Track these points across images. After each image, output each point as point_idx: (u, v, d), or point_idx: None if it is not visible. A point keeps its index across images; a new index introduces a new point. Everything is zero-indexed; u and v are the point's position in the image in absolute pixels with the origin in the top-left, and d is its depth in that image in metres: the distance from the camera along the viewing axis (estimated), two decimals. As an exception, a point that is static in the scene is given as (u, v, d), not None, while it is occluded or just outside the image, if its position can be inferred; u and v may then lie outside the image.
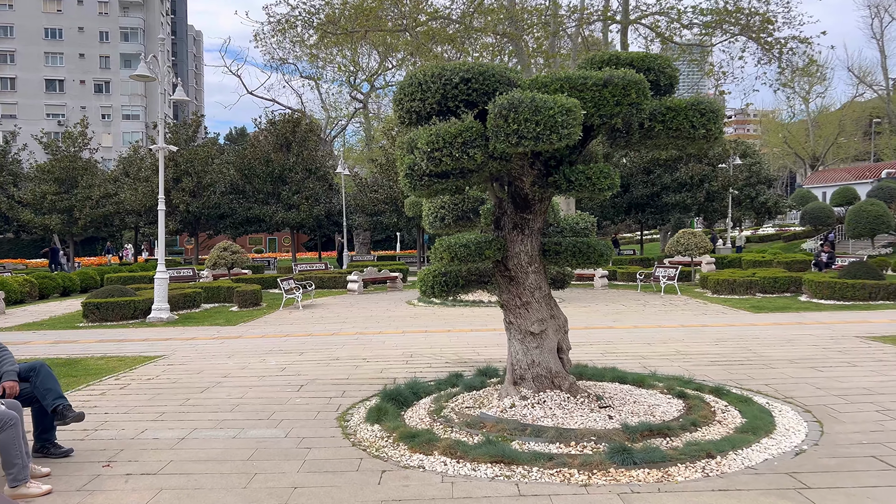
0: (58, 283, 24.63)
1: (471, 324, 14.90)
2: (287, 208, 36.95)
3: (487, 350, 11.31)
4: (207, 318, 17.40)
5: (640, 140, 6.24)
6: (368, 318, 16.63)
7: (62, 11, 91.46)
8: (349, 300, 21.46)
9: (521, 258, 6.58)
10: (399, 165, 6.06)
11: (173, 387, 8.89)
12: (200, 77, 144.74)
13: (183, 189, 35.78)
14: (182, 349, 12.31)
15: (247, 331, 14.73)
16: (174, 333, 14.55)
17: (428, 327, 14.51)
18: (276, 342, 12.86)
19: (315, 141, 39.30)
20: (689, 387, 7.85)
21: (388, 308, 18.81)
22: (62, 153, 37.46)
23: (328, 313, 17.83)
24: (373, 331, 14.17)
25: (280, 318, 16.92)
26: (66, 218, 35.98)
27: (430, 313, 17.26)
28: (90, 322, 16.54)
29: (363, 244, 48.27)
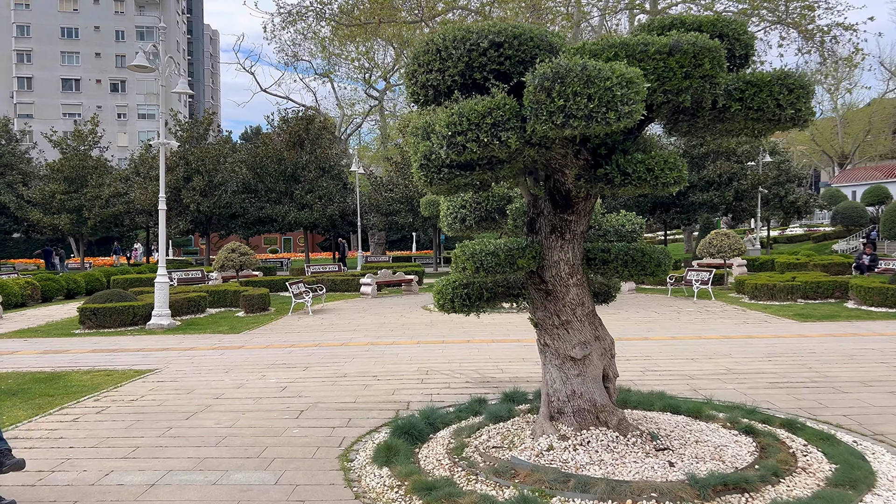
0: (61, 284, 23.79)
1: (491, 333, 13.74)
2: (300, 208, 35.98)
3: (511, 366, 10.15)
4: (211, 324, 16.38)
5: (709, 124, 5.06)
6: (381, 325, 15.53)
7: (78, 11, 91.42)
8: (362, 305, 20.38)
9: (561, 268, 5.42)
10: (412, 155, 4.93)
11: (157, 411, 7.82)
12: (217, 76, 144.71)
13: (193, 188, 34.91)
14: (177, 362, 11.27)
15: (250, 340, 13.68)
16: (172, 343, 13.53)
17: (445, 337, 13.37)
18: (279, 354, 11.78)
19: (329, 139, 38.29)
20: (754, 418, 6.65)
21: (403, 314, 17.70)
22: (72, 151, 36.75)
23: (339, 320, 16.75)
24: (385, 341, 13.05)
25: (287, 326, 15.87)
26: (76, 218, 35.25)
27: (447, 320, 16.12)
28: (86, 329, 15.59)
29: (378, 244, 47.22)
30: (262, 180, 36.53)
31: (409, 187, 34.76)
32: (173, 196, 35.31)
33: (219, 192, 35.54)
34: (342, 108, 52.28)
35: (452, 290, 6.15)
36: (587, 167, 4.98)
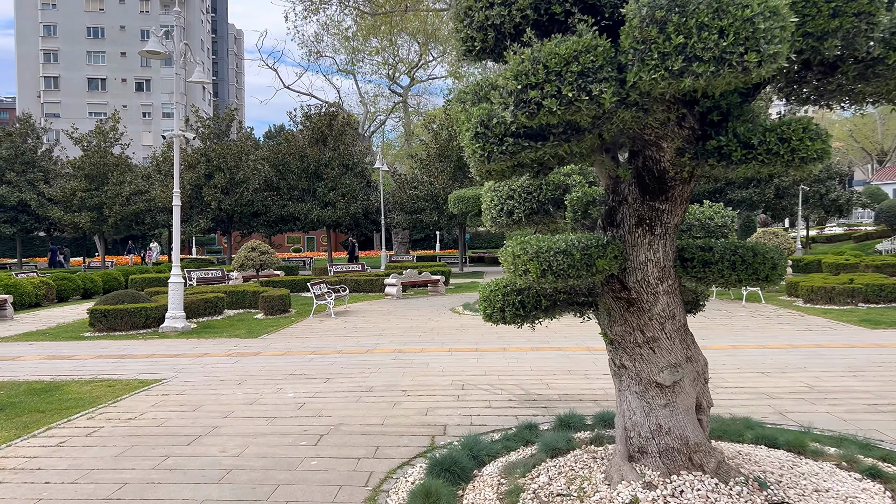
0: (77, 284, 23.07)
1: (528, 340, 12.58)
2: (323, 206, 35.09)
3: (558, 380, 8.98)
4: (228, 327, 15.42)
5: (850, 83, 3.86)
6: (408, 329, 14.44)
7: (104, 10, 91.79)
8: (387, 306, 19.32)
9: (649, 271, 4.26)
10: (461, 125, 3.82)
11: (156, 433, 6.80)
12: (241, 76, 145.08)
13: (215, 185, 34.20)
14: (187, 370, 10.27)
15: (268, 345, 12.66)
16: (185, 348, 12.57)
17: (479, 344, 12.23)
18: (299, 362, 10.74)
19: (352, 135, 37.37)
20: (871, 454, 5.42)
21: (431, 317, 16.60)
22: (93, 148, 36.23)
23: (363, 323, 15.70)
24: (414, 348, 11.95)
25: (308, 329, 14.85)
26: (96, 216, 34.71)
27: (478, 325, 14.98)
28: (97, 332, 14.70)
29: (402, 243, 46.24)
30: (285, 178, 35.72)
31: (434, 185, 33.71)
32: (194, 194, 34.65)
33: (240, 189, 34.79)
34: (365, 104, 51.40)
35: (503, 297, 5.05)
36: (691, 139, 3.82)
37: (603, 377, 9.05)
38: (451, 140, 33.77)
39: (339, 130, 35.86)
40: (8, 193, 35.96)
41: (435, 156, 34.42)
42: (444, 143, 33.86)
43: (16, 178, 36.86)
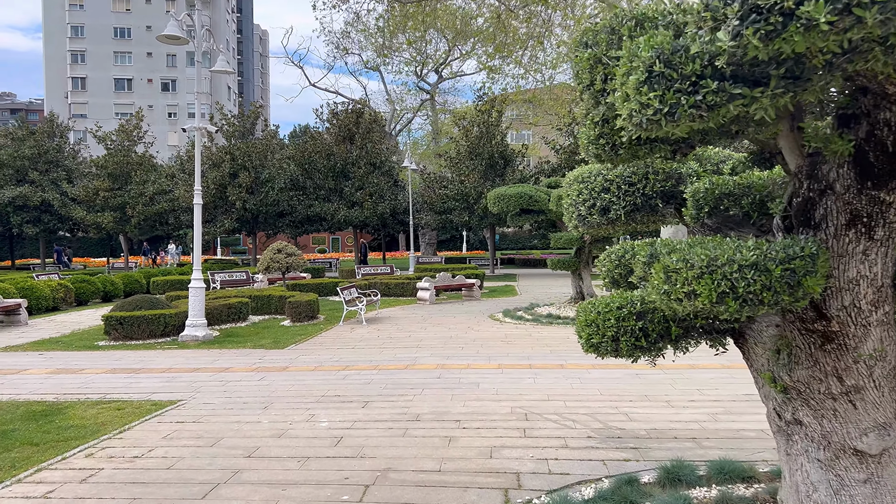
0: (97, 287, 22.17)
1: (585, 355, 11.22)
2: (350, 205, 33.99)
3: (637, 409, 7.65)
4: (252, 335, 14.29)
5: None
6: (448, 340, 13.17)
7: (131, 11, 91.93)
8: (420, 312, 18.08)
9: (861, 292, 2.93)
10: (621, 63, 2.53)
11: (164, 480, 5.59)
12: (266, 76, 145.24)
13: (239, 185, 33.28)
14: (207, 389, 9.11)
15: (296, 358, 11.47)
16: (205, 360, 11.43)
17: (531, 359, 10.92)
18: (331, 380, 9.52)
19: (379, 133, 36.24)
20: None
21: (470, 325, 15.32)
22: (116, 147, 35.55)
23: (397, 331, 14.47)
24: (458, 362, 10.67)
25: (339, 338, 13.64)
26: (119, 216, 33.98)
27: (524, 335, 13.67)
28: (112, 340, 13.65)
29: (429, 244, 45.02)
30: (311, 177, 34.70)
31: (464, 184, 32.44)
32: (219, 193, 33.78)
33: (266, 188, 33.84)
34: (392, 102, 50.27)
35: (617, 321, 3.75)
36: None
37: (690, 405, 7.70)
38: (482, 137, 32.50)
39: (366, 127, 34.75)
40: (31, 193, 35.41)
41: (466, 153, 33.14)
42: (476, 140, 32.58)
43: (39, 177, 36.31)
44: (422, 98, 50.65)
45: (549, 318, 15.51)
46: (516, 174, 32.96)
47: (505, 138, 33.52)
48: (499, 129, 33.03)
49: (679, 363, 10.03)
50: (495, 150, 32.50)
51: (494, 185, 32.07)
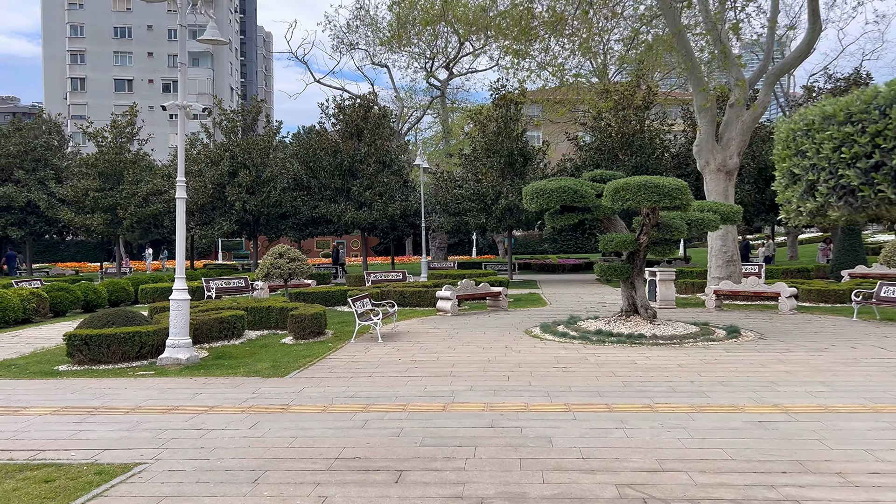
0: (77, 296, 19.75)
1: (672, 388, 8.76)
2: (358, 206, 31.54)
3: (804, 488, 5.18)
4: (248, 357, 11.84)
5: None
6: (486, 365, 10.70)
7: (131, 10, 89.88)
8: (443, 326, 15.61)
9: None
10: None
11: None
12: (270, 78, 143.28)
13: (239, 184, 30.86)
14: (178, 443, 6.67)
15: (300, 391, 9.02)
16: (185, 394, 8.98)
17: (603, 394, 8.44)
18: (346, 428, 7.07)
19: (389, 129, 33.82)
20: None
21: (507, 343, 12.84)
22: (108, 145, 33.18)
23: (421, 352, 12.00)
24: (510, 400, 8.21)
25: (352, 361, 11.18)
26: (110, 217, 31.58)
27: (578, 358, 11.19)
28: (76, 363, 11.22)
29: (440, 249, 42.61)
30: (316, 176, 32.26)
31: (481, 183, 29.98)
32: (217, 193, 31.39)
33: (267, 188, 31.41)
34: (401, 100, 47.90)
35: None
36: None
37: (880, 484, 5.21)
38: (500, 133, 30.04)
39: (374, 123, 32.33)
40: (15, 193, 33.03)
41: (482, 151, 30.68)
42: (493, 136, 30.12)
43: (25, 176, 33.96)
44: (432, 95, 48.30)
45: (599, 336, 13.03)
46: (537, 172, 30.50)
47: (524, 134, 31.06)
48: (518, 124, 30.58)
49: (803, 403, 7.53)
50: (514, 147, 30.03)
51: (514, 184, 29.62)
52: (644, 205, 12.11)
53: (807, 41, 18.78)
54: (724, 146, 20.16)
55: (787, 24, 19.68)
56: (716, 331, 13.65)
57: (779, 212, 12.77)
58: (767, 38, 19.81)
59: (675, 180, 12.25)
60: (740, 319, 15.82)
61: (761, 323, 15.21)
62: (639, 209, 13.04)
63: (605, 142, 29.90)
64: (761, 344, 12.30)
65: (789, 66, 19.39)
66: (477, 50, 46.63)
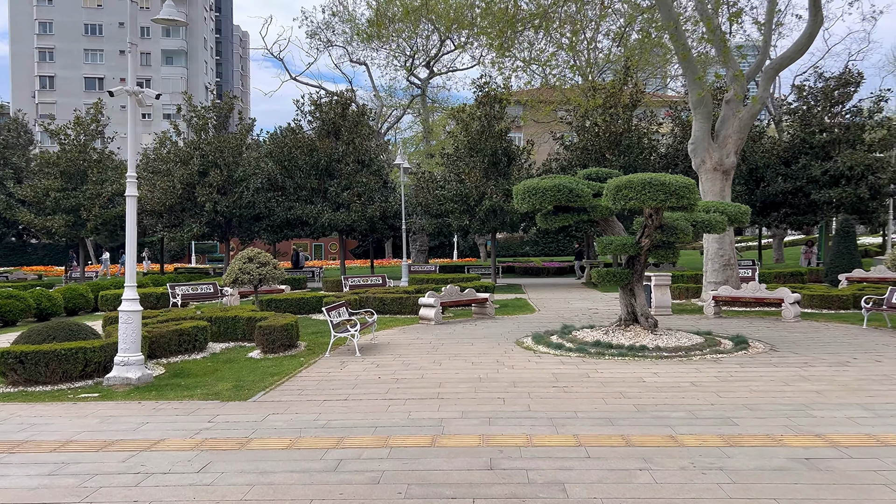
0: (29, 303, 18.25)
1: (691, 410, 7.65)
2: (335, 208, 30.22)
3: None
4: (208, 374, 10.55)
5: None
6: (478, 384, 9.52)
7: (102, 7, 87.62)
8: (427, 337, 14.40)
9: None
10: None
11: None
12: (247, 78, 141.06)
13: (209, 184, 29.40)
14: (107, 497, 5.42)
15: (263, 419, 7.77)
16: (128, 424, 7.69)
17: (615, 422, 7.30)
18: (315, 472, 5.83)
19: (367, 128, 32.54)
20: None
21: (498, 357, 11.68)
22: (71, 143, 31.55)
23: (404, 368, 10.79)
24: (509, 430, 7.03)
25: (326, 380, 9.93)
26: (73, 219, 29.95)
27: (579, 375, 10.05)
28: (9, 385, 9.86)
29: (420, 251, 41.35)
30: (291, 176, 30.89)
31: (464, 183, 28.81)
32: (186, 194, 29.90)
33: (240, 188, 29.97)
34: (380, 98, 46.60)
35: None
36: None
37: None
38: (483, 132, 28.91)
39: (353, 121, 31.05)
40: (-30, 194, 31.29)
41: (465, 150, 29.53)
42: (476, 134, 28.99)
43: (-18, 176, 32.21)
44: (412, 94, 47.09)
45: (598, 348, 11.91)
46: (522, 173, 29.42)
47: (508, 133, 29.96)
48: (502, 123, 29.48)
49: (848, 432, 6.41)
50: (498, 146, 28.92)
51: (498, 184, 28.51)
52: (648, 204, 11.01)
53: (807, 34, 17.90)
54: (721, 144, 19.21)
55: (777, 20, 18.73)
56: (722, 341, 12.61)
57: (770, 213, 11.88)
58: (765, 29, 18.91)
59: (682, 178, 11.17)
60: (744, 328, 14.82)
61: (767, 332, 14.20)
62: (641, 209, 11.96)
63: (593, 141, 28.91)
64: (775, 357, 11.26)
65: (789, 59, 18.49)
66: (458, 47, 45.57)
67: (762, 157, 29.37)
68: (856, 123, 28.57)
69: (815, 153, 28.83)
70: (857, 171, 27.33)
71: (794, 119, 30.45)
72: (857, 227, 34.64)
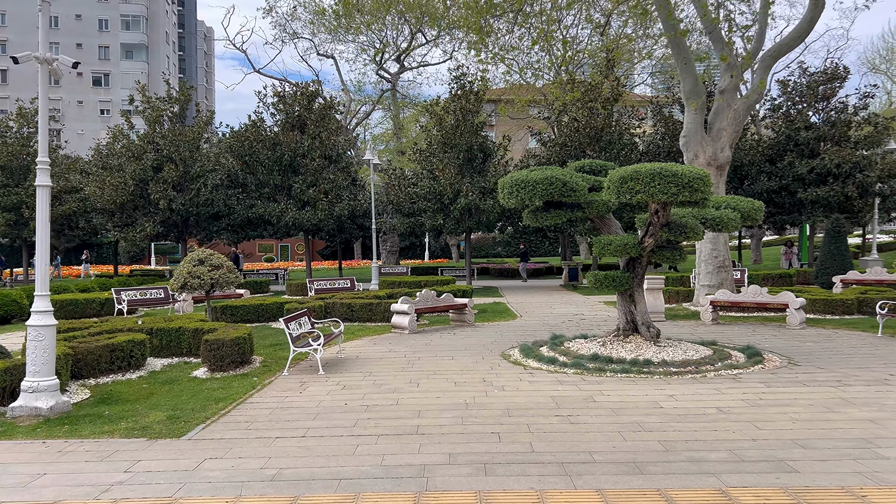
0: (-51, 312, 16.16)
1: (732, 449, 6.18)
2: (300, 206, 28.38)
3: None
4: (140, 401, 8.79)
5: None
6: (465, 411, 7.94)
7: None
8: (401, 348, 12.78)
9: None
10: None
11: None
12: (211, 75, 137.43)
13: (164, 180, 27.33)
14: None
15: (196, 467, 6.08)
16: (21, 476, 5.94)
17: (643, 468, 5.78)
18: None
19: (335, 121, 30.76)
20: None
21: (484, 375, 10.11)
22: (13, 136, 29.21)
23: (375, 390, 9.16)
24: (517, 488, 5.46)
25: (280, 411, 8.26)
26: (14, 218, 27.66)
27: (583, 399, 8.54)
28: None
29: (391, 252, 39.64)
30: (253, 171, 28.95)
31: (437, 180, 27.24)
32: (139, 190, 27.78)
33: (197, 185, 27.95)
34: (348, 92, 44.78)
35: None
36: None
37: None
38: (458, 126, 27.37)
39: (319, 114, 29.23)
40: None
41: (438, 145, 27.96)
42: (451, 129, 27.43)
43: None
44: (382, 88, 45.38)
45: (597, 363, 10.42)
46: (499, 169, 27.94)
47: (483, 128, 28.47)
48: (478, 117, 27.98)
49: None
50: (474, 141, 27.42)
51: (473, 182, 27.01)
52: (657, 198, 9.54)
53: (808, 19, 16.71)
54: (715, 137, 17.94)
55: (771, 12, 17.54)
56: (732, 353, 11.23)
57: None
58: (760, 14, 17.68)
59: (695, 168, 9.73)
60: (748, 336, 13.50)
61: (776, 341, 12.88)
62: (642, 205, 10.51)
63: (573, 137, 27.55)
64: (799, 373, 9.88)
65: (788, 46, 17.29)
66: (430, 42, 44.01)
67: (746, 154, 28.33)
68: (842, 120, 27.68)
69: (800, 150, 27.87)
70: (844, 169, 26.41)
71: (778, 115, 29.49)
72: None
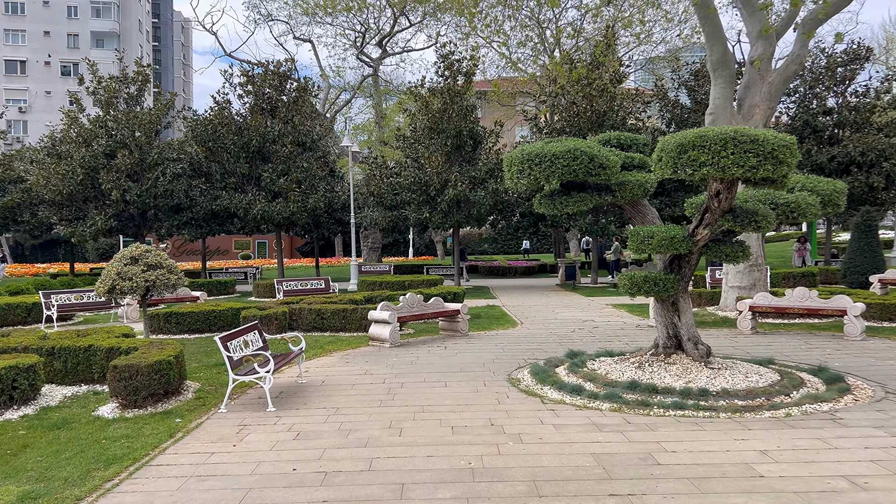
0: None
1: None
2: (270, 197, 25.57)
3: None
4: (8, 458, 6.06)
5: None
6: (472, 486, 5.29)
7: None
8: (379, 370, 10.10)
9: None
10: None
11: None
12: (189, 68, 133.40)
13: (117, 168, 24.40)
14: None
15: None
16: None
17: None
18: None
19: (310, 105, 27.96)
20: None
21: (490, 414, 7.46)
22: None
23: (342, 448, 6.49)
24: None
25: (196, 483, 5.56)
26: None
27: (638, 456, 5.93)
28: None
29: (373, 249, 36.82)
30: (217, 159, 26.07)
31: (423, 170, 24.55)
32: (89, 180, 24.84)
33: (154, 174, 25.03)
34: (326, 77, 41.88)
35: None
36: None
37: None
38: (446, 110, 24.68)
39: (292, 97, 26.42)
40: None
41: (425, 131, 25.26)
42: (438, 112, 24.75)
43: None
44: (363, 74, 42.54)
45: (637, 393, 7.83)
46: (490, 157, 25.31)
47: (474, 111, 25.81)
48: (467, 100, 25.33)
49: None
50: (463, 126, 24.75)
51: (463, 171, 24.36)
52: (731, 173, 6.96)
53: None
54: (746, 115, 15.43)
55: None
56: (804, 378, 8.67)
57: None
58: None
59: (778, 134, 7.14)
60: (804, 350, 11.00)
61: (844, 357, 10.37)
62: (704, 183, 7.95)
63: (572, 122, 24.98)
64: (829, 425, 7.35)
65: (836, 6, 14.78)
66: (413, 25, 41.30)
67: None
68: (864, 105, 25.35)
69: (818, 137, 25.51)
70: (869, 158, 24.07)
71: (793, 100, 27.11)
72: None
